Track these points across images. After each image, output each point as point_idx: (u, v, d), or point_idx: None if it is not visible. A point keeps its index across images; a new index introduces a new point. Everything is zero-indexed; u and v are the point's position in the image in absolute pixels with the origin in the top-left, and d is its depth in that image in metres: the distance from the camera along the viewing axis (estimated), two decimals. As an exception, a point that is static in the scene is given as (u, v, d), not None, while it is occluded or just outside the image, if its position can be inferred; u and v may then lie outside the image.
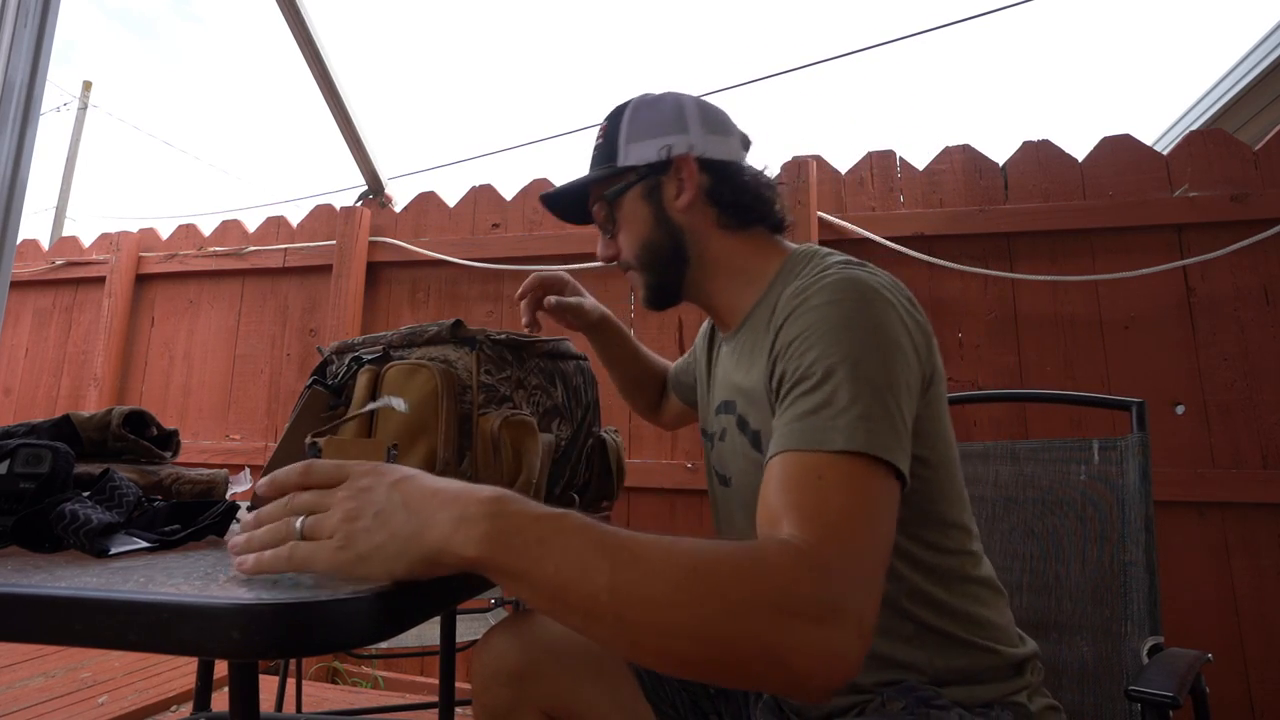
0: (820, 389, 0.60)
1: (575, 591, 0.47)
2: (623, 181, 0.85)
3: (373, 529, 0.49)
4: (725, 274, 0.84)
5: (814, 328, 0.65)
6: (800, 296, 0.68)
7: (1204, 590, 1.79)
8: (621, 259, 0.88)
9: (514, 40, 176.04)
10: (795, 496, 0.55)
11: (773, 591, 0.48)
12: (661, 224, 0.84)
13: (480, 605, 1.88)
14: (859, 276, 0.68)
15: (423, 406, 0.80)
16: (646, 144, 0.84)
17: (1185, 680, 0.81)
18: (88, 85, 9.35)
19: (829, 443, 0.57)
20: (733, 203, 0.83)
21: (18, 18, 1.53)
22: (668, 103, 0.86)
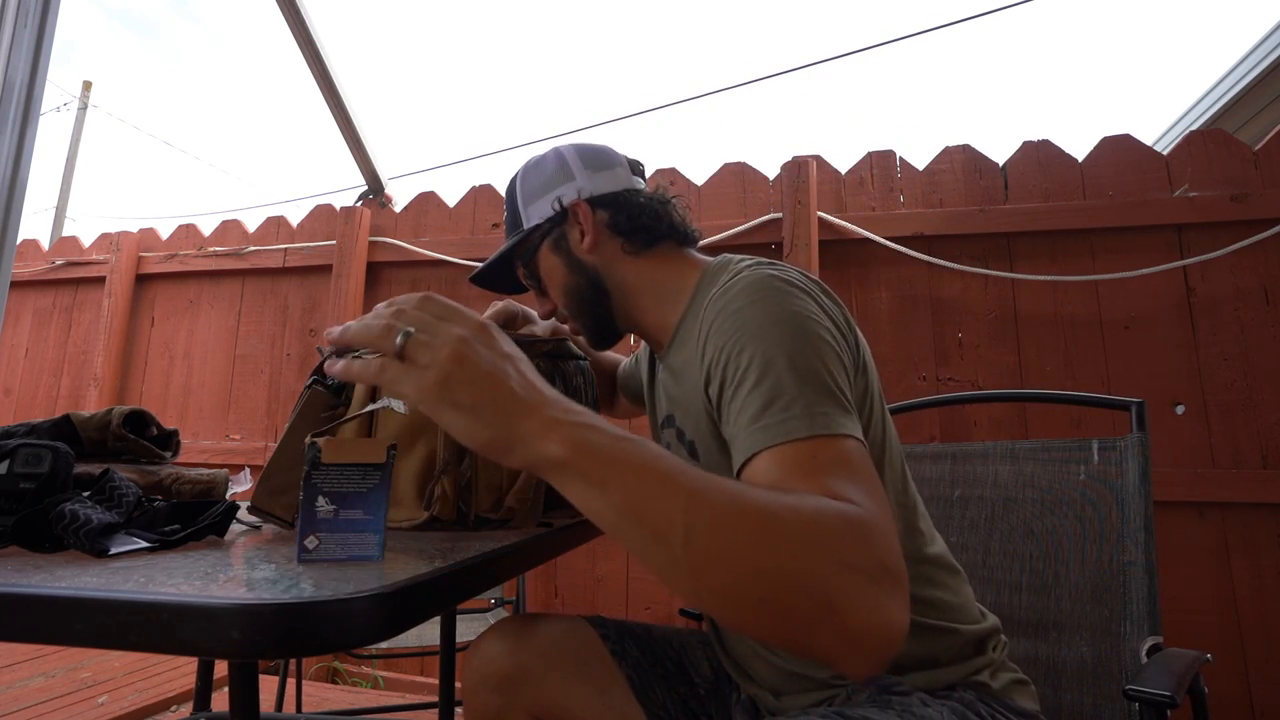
0: (762, 386, 0.62)
1: (650, 509, 0.47)
2: (531, 241, 0.91)
3: (475, 384, 0.49)
4: (647, 296, 0.87)
5: (740, 330, 0.66)
6: (719, 304, 0.71)
7: (1204, 590, 1.79)
8: (558, 311, 0.93)
9: (514, 40, 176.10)
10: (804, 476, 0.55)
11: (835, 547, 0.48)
12: (575, 268, 0.88)
13: (480, 605, 1.88)
14: (769, 274, 0.70)
15: (422, 406, 0.80)
16: (540, 202, 0.89)
17: (1183, 680, 0.81)
18: (88, 85, 9.35)
19: (795, 432, 0.58)
20: (633, 228, 0.87)
21: (18, 18, 1.53)
22: (549, 159, 0.91)
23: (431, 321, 0.51)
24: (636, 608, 2.16)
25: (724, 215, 2.30)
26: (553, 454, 0.48)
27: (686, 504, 0.47)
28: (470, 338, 0.50)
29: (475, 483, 0.81)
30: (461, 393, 0.49)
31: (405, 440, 0.80)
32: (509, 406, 0.49)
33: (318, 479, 0.58)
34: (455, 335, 0.50)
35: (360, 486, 0.59)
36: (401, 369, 0.49)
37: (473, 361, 0.49)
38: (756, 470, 0.59)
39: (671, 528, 0.47)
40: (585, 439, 0.49)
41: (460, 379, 0.49)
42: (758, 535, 0.47)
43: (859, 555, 0.48)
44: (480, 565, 0.64)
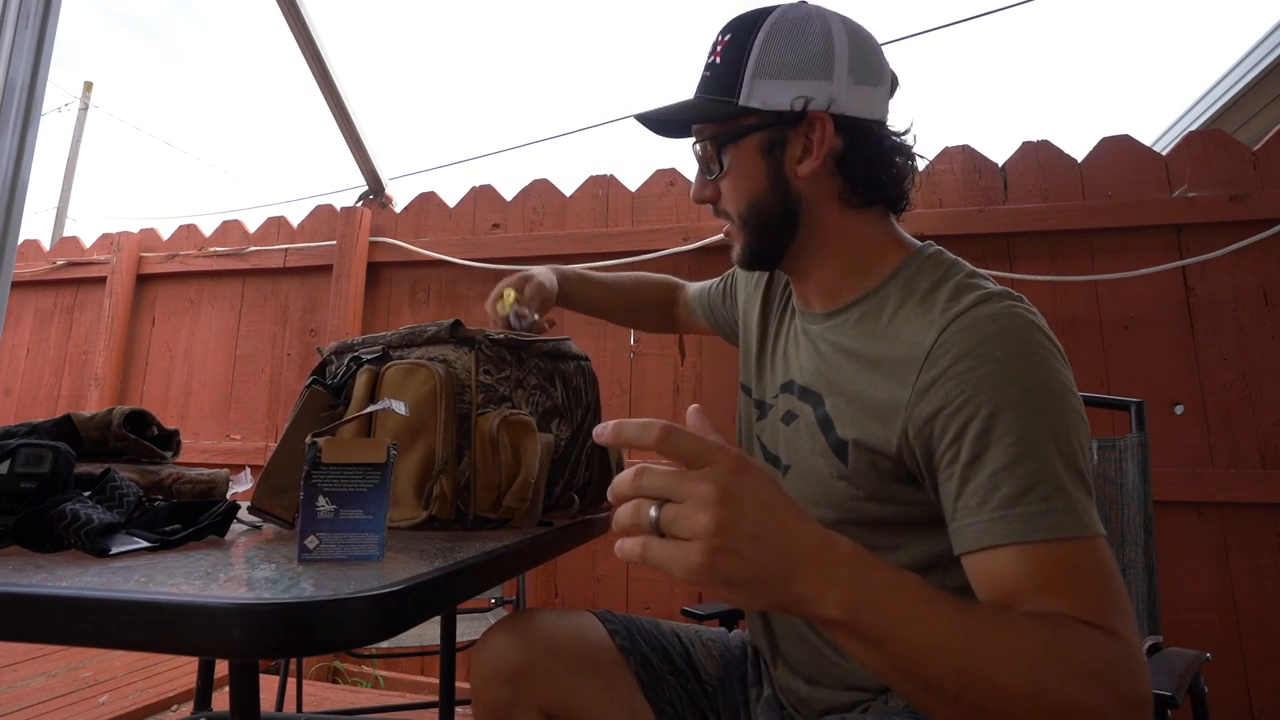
0: (1021, 466, 0.56)
1: (925, 668, 0.47)
2: (739, 126, 0.72)
3: (744, 556, 0.44)
4: (835, 255, 0.75)
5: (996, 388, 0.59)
6: (970, 338, 0.61)
7: (1203, 590, 1.79)
8: (720, 206, 0.77)
9: (514, 40, 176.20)
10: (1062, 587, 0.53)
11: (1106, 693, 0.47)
12: (776, 187, 0.72)
13: (480, 605, 1.89)
14: (1031, 322, 0.63)
15: (422, 406, 0.81)
16: (779, 85, 0.69)
17: (1184, 679, 0.81)
18: (89, 86, 9.35)
19: (1055, 530, 0.54)
20: (863, 178, 0.73)
21: (19, 19, 1.53)
22: (814, 31, 0.70)
23: (672, 483, 0.45)
24: (637, 607, 2.16)
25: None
26: (830, 616, 0.46)
27: (961, 666, 0.47)
28: (727, 493, 0.45)
29: (474, 482, 0.81)
30: (729, 567, 0.44)
31: (404, 439, 0.80)
32: (779, 574, 0.46)
33: (318, 479, 0.59)
34: (705, 495, 0.44)
35: (360, 486, 0.59)
36: (666, 551, 0.45)
37: (736, 526, 0.44)
38: (999, 563, 0.56)
39: (946, 685, 0.47)
40: (861, 600, 0.46)
41: (727, 552, 0.44)
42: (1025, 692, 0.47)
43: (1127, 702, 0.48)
44: (480, 565, 0.64)
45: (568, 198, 2.49)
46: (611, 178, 2.46)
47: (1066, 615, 0.52)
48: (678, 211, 2.34)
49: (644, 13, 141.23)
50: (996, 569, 0.56)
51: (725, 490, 0.45)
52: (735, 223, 0.76)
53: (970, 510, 0.58)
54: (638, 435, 0.47)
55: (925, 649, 0.46)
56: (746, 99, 0.70)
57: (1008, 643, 0.48)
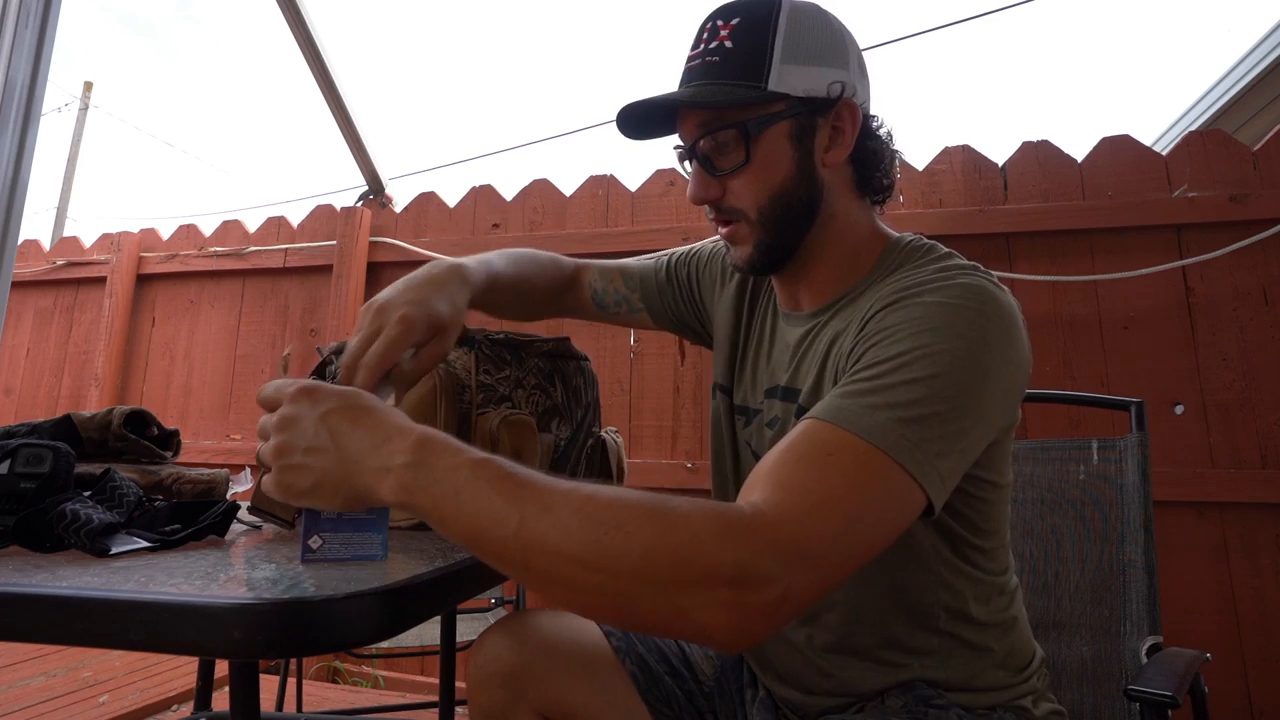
0: (884, 376, 0.55)
1: (486, 538, 0.49)
2: (768, 112, 0.68)
3: (303, 467, 0.53)
4: (838, 249, 0.73)
5: (914, 322, 0.58)
6: (908, 288, 0.61)
7: (1203, 590, 1.79)
8: (727, 204, 0.72)
9: (514, 40, 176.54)
10: (788, 466, 0.52)
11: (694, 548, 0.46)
12: (805, 176, 0.69)
13: (480, 605, 1.89)
14: (989, 289, 0.61)
15: (421, 406, 0.80)
16: (812, 71, 0.67)
17: (1184, 680, 0.81)
18: (88, 86, 9.35)
19: (855, 425, 0.52)
20: (873, 167, 0.73)
21: (19, 19, 1.53)
22: (831, 24, 0.70)
23: (263, 422, 0.56)
24: (636, 608, 2.16)
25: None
26: (388, 499, 0.52)
27: (517, 531, 0.48)
28: (285, 419, 0.54)
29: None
30: (293, 479, 0.53)
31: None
32: (339, 475, 0.52)
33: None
34: (271, 427, 0.55)
35: None
36: (267, 478, 0.55)
37: (293, 445, 0.53)
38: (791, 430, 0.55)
39: (509, 553, 0.49)
40: (416, 482, 0.50)
41: (291, 468, 0.53)
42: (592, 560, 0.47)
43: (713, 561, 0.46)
44: (480, 565, 0.64)
45: (568, 198, 2.49)
46: (611, 178, 2.46)
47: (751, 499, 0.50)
48: (678, 211, 2.34)
49: (644, 13, 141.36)
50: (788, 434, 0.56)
51: (282, 418, 0.54)
52: (751, 218, 0.71)
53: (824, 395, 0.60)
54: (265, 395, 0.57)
55: (483, 520, 0.49)
56: (776, 83, 0.66)
57: (572, 509, 0.48)
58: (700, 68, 0.69)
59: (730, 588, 0.45)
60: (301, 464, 0.53)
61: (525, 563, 0.48)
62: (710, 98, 0.68)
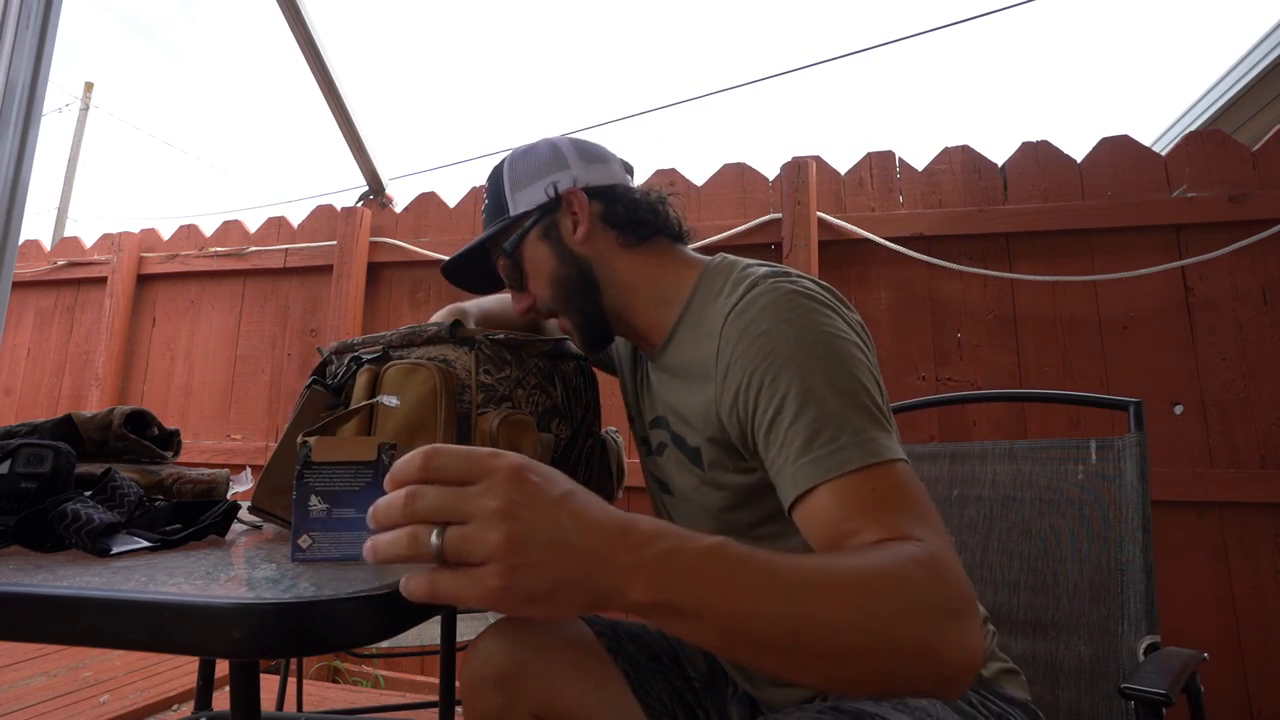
0: (805, 417, 0.62)
1: (752, 627, 0.45)
2: (518, 229, 0.86)
3: (544, 566, 0.41)
4: (640, 294, 0.84)
5: (770, 355, 0.65)
6: (741, 323, 0.69)
7: (1201, 590, 1.79)
8: (539, 305, 0.88)
9: (514, 40, 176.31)
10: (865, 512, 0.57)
11: (920, 596, 0.50)
12: (565, 259, 0.84)
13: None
14: (790, 290, 0.69)
15: (421, 406, 0.81)
16: (532, 187, 0.85)
17: (1179, 678, 0.81)
18: (89, 86, 9.36)
19: (847, 464, 0.59)
20: (629, 220, 0.84)
21: (19, 20, 1.53)
22: (541, 147, 0.87)
23: (450, 500, 0.42)
24: (636, 607, 2.16)
25: (723, 215, 2.31)
26: (641, 601, 0.44)
27: (787, 612, 0.46)
28: (513, 503, 0.42)
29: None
30: (532, 582, 0.41)
31: (404, 439, 0.80)
32: (583, 575, 0.43)
33: (310, 478, 0.59)
34: (495, 510, 0.41)
35: (352, 485, 0.59)
36: (454, 579, 0.41)
37: (530, 536, 0.41)
38: (815, 507, 0.60)
39: (776, 639, 0.46)
40: (666, 576, 0.44)
41: (524, 566, 0.41)
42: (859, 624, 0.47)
43: (940, 598, 0.50)
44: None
45: (568, 198, 2.49)
46: (611, 178, 2.46)
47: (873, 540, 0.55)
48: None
49: (644, 13, 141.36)
50: (812, 513, 0.60)
51: (510, 500, 0.41)
52: (553, 309, 0.87)
53: (779, 468, 0.63)
54: (401, 470, 0.44)
55: (746, 609, 0.45)
56: (514, 209, 0.85)
57: (824, 578, 0.49)
58: (483, 222, 0.92)
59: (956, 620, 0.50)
60: (540, 561, 0.41)
61: (793, 645, 0.46)
62: (481, 239, 0.90)
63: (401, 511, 0.42)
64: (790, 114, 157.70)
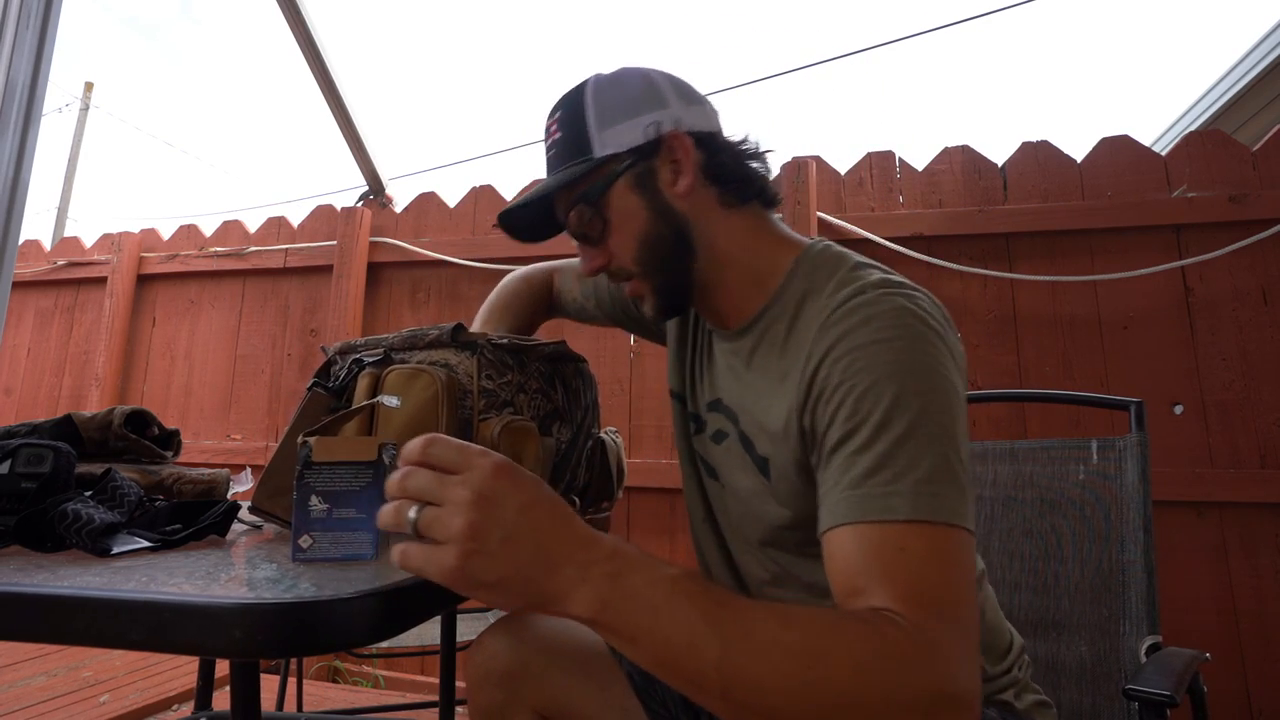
0: (874, 447, 0.56)
1: (683, 664, 0.46)
2: (605, 174, 0.73)
3: (498, 557, 0.45)
4: (735, 267, 0.75)
5: (862, 372, 0.59)
6: (841, 327, 0.62)
7: (1202, 590, 1.79)
8: (614, 266, 0.76)
9: (515, 40, 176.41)
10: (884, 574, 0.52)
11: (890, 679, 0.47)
12: (662, 215, 0.73)
13: (481, 605, 1.89)
14: (907, 308, 0.62)
15: (423, 411, 0.80)
16: (626, 126, 0.72)
17: (1183, 679, 0.81)
18: (89, 86, 9.36)
19: (894, 511, 0.54)
20: (733, 175, 0.74)
21: (20, 20, 1.53)
22: (633, 79, 0.75)
23: (433, 484, 0.46)
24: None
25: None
26: (579, 614, 0.46)
27: (719, 659, 0.45)
28: (482, 497, 0.45)
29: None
30: (481, 569, 0.45)
31: (405, 440, 0.80)
32: (530, 575, 0.46)
33: (310, 478, 0.59)
34: (463, 500, 0.45)
35: (353, 485, 0.59)
36: (422, 556, 0.45)
37: (489, 529, 0.45)
38: (838, 545, 0.56)
39: (707, 682, 0.46)
40: (610, 597, 0.46)
41: (481, 554, 0.45)
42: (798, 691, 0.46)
43: (911, 692, 0.47)
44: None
45: (568, 198, 2.49)
46: (611, 178, 2.46)
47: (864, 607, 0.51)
48: (678, 212, 2.35)
49: (644, 14, 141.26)
50: (834, 550, 0.56)
51: (480, 494, 0.45)
52: (636, 272, 0.75)
53: (828, 490, 0.59)
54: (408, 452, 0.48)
55: (679, 644, 0.45)
56: (601, 150, 0.72)
57: (773, 637, 0.47)
58: (549, 161, 0.77)
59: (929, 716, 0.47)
60: (494, 553, 0.45)
61: (724, 693, 0.46)
62: (555, 183, 0.74)
63: (396, 486, 0.47)
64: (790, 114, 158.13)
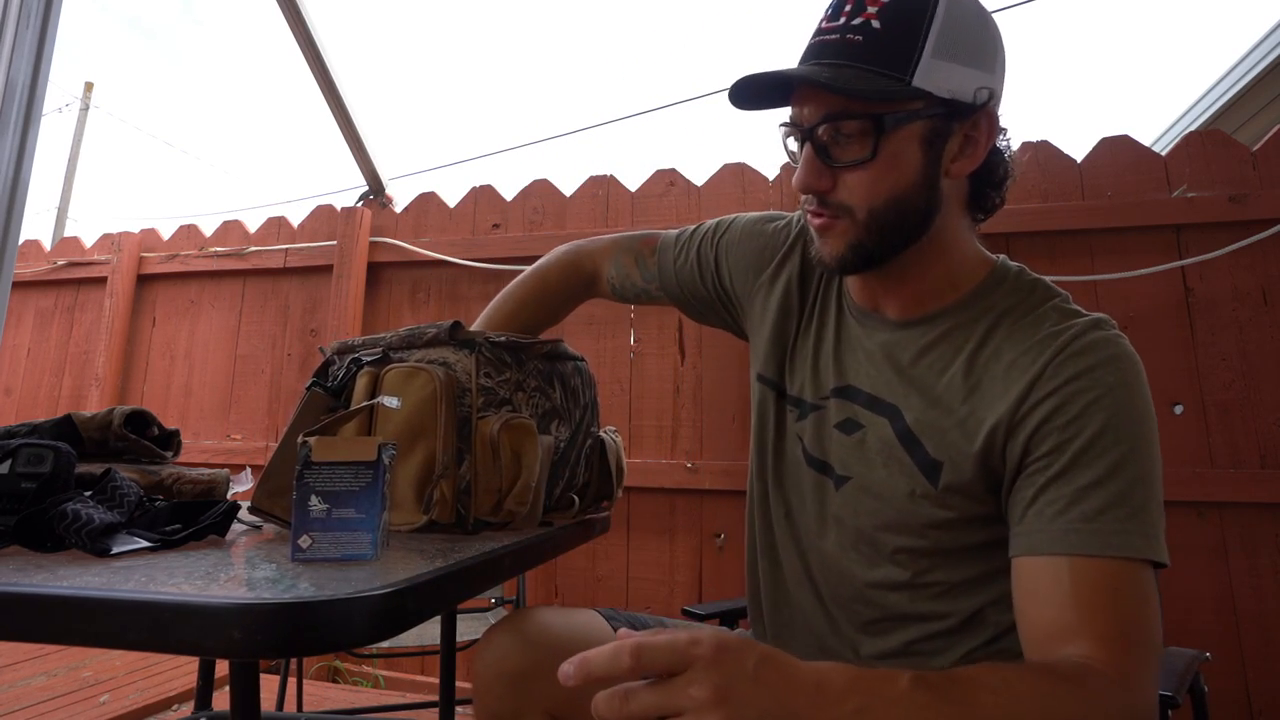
0: (1111, 482, 0.58)
1: None
2: (911, 110, 0.63)
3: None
4: (940, 263, 0.71)
5: (1101, 401, 0.60)
6: (1083, 363, 0.62)
7: (1202, 589, 1.79)
8: (835, 198, 0.67)
9: (515, 40, 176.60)
10: (1093, 611, 0.55)
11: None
12: (927, 183, 0.65)
13: (481, 605, 1.89)
14: (1132, 354, 0.64)
15: (421, 409, 0.81)
16: (963, 71, 0.62)
17: (1184, 679, 0.81)
18: (89, 86, 9.36)
19: (1128, 548, 0.56)
20: (988, 185, 0.70)
21: (20, 19, 1.53)
22: (991, 24, 0.66)
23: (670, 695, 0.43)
24: (637, 607, 2.16)
25: (724, 215, 2.30)
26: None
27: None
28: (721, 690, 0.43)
29: (475, 486, 0.81)
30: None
31: (404, 442, 0.80)
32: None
33: (310, 478, 0.59)
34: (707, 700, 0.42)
35: (352, 485, 0.59)
36: None
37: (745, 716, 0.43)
38: (1053, 572, 0.57)
39: None
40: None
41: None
42: None
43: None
44: (480, 565, 0.64)
45: (568, 198, 2.50)
46: (611, 178, 2.46)
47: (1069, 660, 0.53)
48: (677, 211, 2.35)
49: (644, 14, 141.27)
50: (1044, 576, 0.57)
51: (718, 687, 0.43)
52: (858, 218, 0.66)
53: (1044, 518, 0.59)
54: (609, 667, 0.45)
55: None
56: (922, 79, 0.61)
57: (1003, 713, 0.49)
58: (837, 44, 0.63)
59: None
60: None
61: None
62: (848, 84, 0.61)
63: (620, 713, 0.45)
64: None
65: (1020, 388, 0.63)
